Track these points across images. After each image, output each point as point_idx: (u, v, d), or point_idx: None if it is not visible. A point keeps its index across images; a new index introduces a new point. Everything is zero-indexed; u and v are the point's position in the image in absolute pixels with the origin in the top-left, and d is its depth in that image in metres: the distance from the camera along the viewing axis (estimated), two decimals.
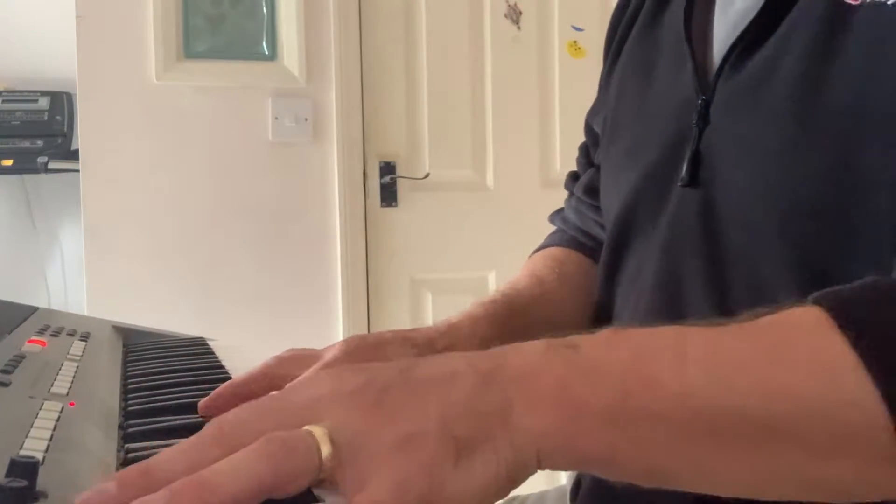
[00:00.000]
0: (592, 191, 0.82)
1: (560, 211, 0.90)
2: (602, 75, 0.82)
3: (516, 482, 0.35)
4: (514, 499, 0.84)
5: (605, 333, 0.38)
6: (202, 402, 0.58)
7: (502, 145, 2.44)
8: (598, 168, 0.81)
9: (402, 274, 2.38)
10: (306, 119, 2.25)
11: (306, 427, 0.33)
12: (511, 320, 0.70)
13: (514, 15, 2.47)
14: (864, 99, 0.50)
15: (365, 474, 0.33)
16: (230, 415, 0.35)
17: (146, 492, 0.31)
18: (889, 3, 0.49)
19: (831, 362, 0.35)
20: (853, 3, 0.51)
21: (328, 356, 0.61)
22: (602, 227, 0.81)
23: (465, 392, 0.35)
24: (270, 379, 0.59)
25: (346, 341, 0.63)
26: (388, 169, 2.36)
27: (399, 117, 2.38)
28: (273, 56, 2.24)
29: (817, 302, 0.37)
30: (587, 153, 0.87)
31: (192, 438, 0.34)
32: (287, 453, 0.32)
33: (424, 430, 0.33)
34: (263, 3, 2.23)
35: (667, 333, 0.38)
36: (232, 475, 0.31)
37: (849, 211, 0.51)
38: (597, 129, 0.82)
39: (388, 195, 2.36)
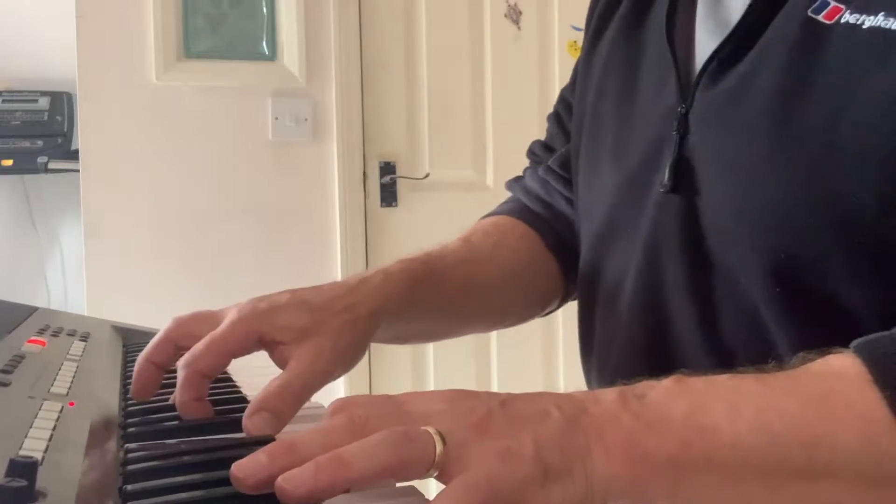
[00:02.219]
0: (569, 165, 0.80)
1: (519, 179, 0.87)
2: (580, 58, 0.80)
3: None
4: None
5: (668, 383, 0.43)
6: (133, 390, 0.58)
7: (502, 145, 2.44)
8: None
9: None
10: (306, 119, 2.25)
11: (423, 427, 0.39)
12: (425, 279, 0.69)
13: (514, 15, 2.47)
14: (838, 118, 0.50)
15: (468, 464, 0.38)
16: (359, 409, 0.42)
17: (292, 464, 0.38)
18: (861, 24, 0.50)
19: (866, 416, 0.40)
20: (827, 22, 0.52)
21: (226, 320, 0.61)
22: (569, 201, 0.80)
23: (554, 429, 0.40)
24: (174, 341, 0.59)
25: (239, 306, 0.62)
26: (388, 169, 2.36)
27: (399, 117, 2.38)
28: (273, 56, 2.24)
29: (858, 352, 0.42)
30: (560, 122, 0.84)
31: (326, 424, 0.41)
32: (409, 444, 0.38)
33: (522, 450, 0.39)
34: (263, 3, 2.23)
35: (723, 385, 0.43)
36: (364, 456, 0.38)
37: (821, 227, 0.51)
38: (572, 102, 0.81)
39: (388, 195, 2.36)
